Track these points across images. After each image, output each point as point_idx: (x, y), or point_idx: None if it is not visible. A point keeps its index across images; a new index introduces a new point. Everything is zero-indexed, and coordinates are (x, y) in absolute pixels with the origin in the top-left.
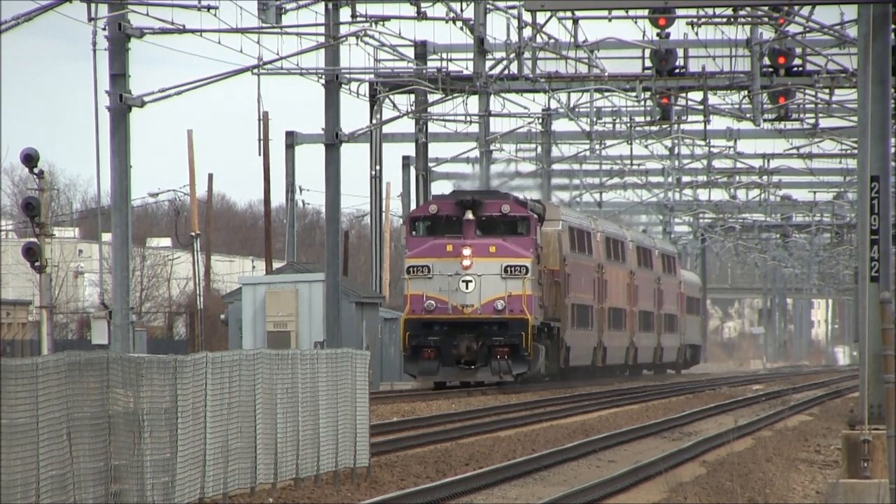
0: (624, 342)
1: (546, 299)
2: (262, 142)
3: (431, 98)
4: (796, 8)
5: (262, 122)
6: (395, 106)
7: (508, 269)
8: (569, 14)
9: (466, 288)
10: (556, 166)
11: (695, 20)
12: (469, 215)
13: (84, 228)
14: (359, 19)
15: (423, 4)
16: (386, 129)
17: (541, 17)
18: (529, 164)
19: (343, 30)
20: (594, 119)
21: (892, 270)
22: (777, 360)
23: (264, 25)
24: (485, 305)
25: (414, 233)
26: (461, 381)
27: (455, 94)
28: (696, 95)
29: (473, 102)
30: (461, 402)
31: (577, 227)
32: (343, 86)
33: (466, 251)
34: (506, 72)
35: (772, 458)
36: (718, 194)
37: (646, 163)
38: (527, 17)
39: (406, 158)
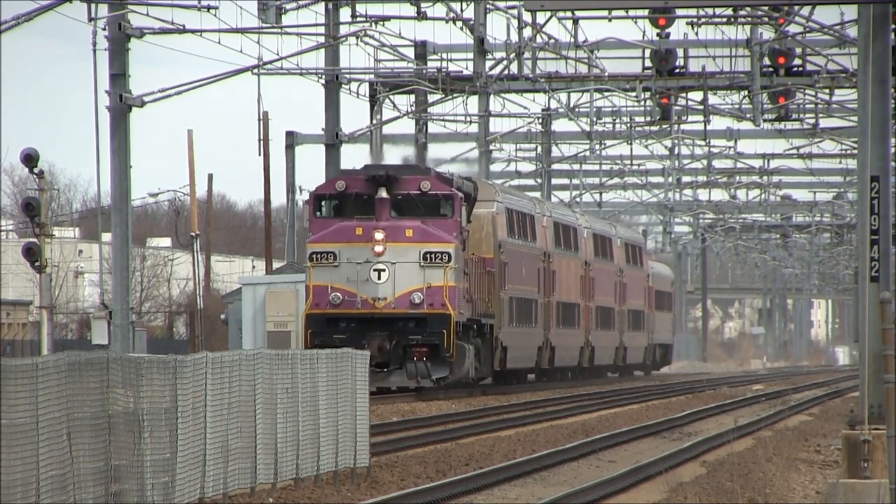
0: (577, 341)
1: (475, 292)
2: (262, 142)
3: (431, 98)
4: (796, 8)
5: (262, 122)
6: (395, 106)
7: (428, 256)
8: (569, 14)
9: (378, 278)
10: (556, 166)
11: (695, 20)
12: (382, 193)
13: (84, 228)
14: (359, 19)
15: (423, 4)
16: (386, 129)
17: (541, 17)
18: (529, 164)
19: (343, 30)
20: (594, 119)
21: (892, 270)
22: (777, 360)
23: (264, 25)
24: (400, 299)
25: (318, 213)
26: (375, 388)
27: (455, 95)
28: (696, 95)
29: (473, 102)
30: (461, 402)
31: (517, 210)
32: (343, 86)
33: (379, 235)
34: (506, 72)
35: (772, 458)
36: (718, 194)
37: (646, 163)
38: (527, 17)
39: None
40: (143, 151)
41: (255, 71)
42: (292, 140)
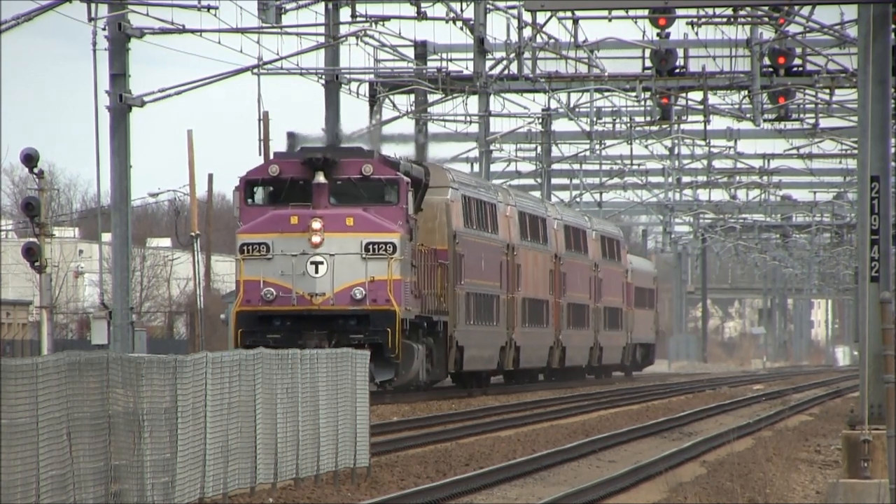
0: (546, 340)
1: (425, 286)
2: (262, 142)
3: (431, 98)
4: (796, 8)
5: (262, 122)
6: (395, 106)
7: (371, 247)
8: (569, 14)
9: (316, 272)
10: (556, 166)
11: (695, 20)
12: (320, 178)
13: (84, 228)
14: (359, 19)
15: (423, 4)
16: (386, 129)
17: (541, 17)
18: (529, 164)
19: (343, 30)
20: (594, 119)
21: (892, 270)
22: (777, 360)
23: (264, 25)
24: (339, 294)
25: (250, 201)
26: None
27: (455, 95)
28: (696, 95)
29: (473, 102)
30: (461, 402)
31: (476, 198)
32: (343, 86)
33: (316, 224)
34: (506, 72)
35: (772, 458)
36: (718, 194)
37: (646, 163)
38: (527, 17)
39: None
40: (143, 151)
41: (255, 71)
42: (293, 140)
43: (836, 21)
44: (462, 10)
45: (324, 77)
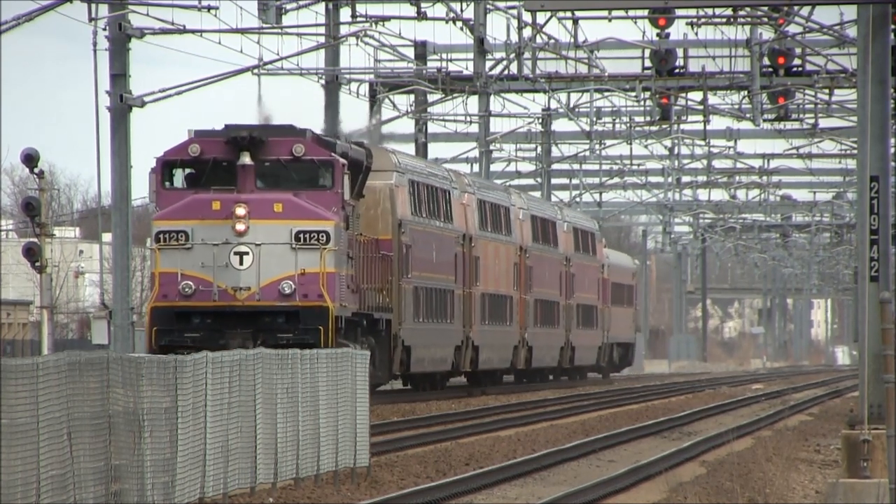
0: (510, 339)
1: (364, 280)
2: None
3: (431, 98)
4: (796, 8)
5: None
6: (394, 106)
7: (301, 236)
8: (569, 14)
9: (240, 263)
10: (556, 166)
11: (695, 20)
12: (245, 159)
13: (84, 228)
14: (359, 19)
15: (423, 4)
16: (386, 129)
17: (541, 17)
18: (529, 164)
19: (343, 30)
20: (594, 119)
21: (891, 270)
22: (777, 360)
23: (264, 25)
24: (266, 288)
25: (167, 184)
26: None
27: (455, 95)
28: (696, 95)
29: (473, 102)
30: (461, 402)
31: (426, 183)
32: (343, 86)
33: (240, 210)
34: (506, 72)
35: (772, 458)
36: (718, 194)
37: (646, 163)
38: (527, 17)
39: None
40: (144, 151)
41: (255, 71)
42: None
43: (835, 21)
44: (462, 10)
45: (324, 77)
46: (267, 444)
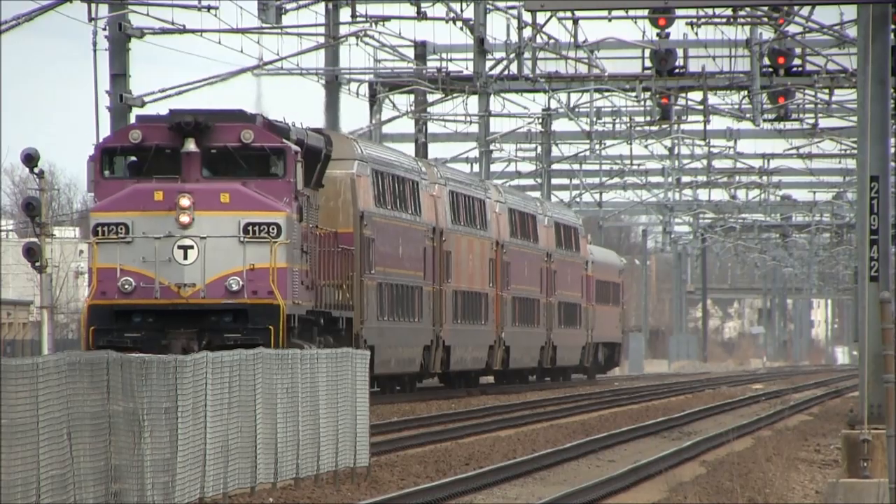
0: (485, 339)
1: (321, 276)
2: None
3: (431, 98)
4: (796, 8)
5: None
6: (394, 106)
7: (251, 228)
8: (569, 14)
9: (184, 258)
10: (556, 166)
11: (695, 20)
12: (190, 146)
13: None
14: (359, 19)
15: (423, 4)
16: (386, 129)
17: (541, 17)
18: (529, 164)
19: (343, 30)
20: (594, 119)
21: (891, 270)
22: (777, 360)
23: (264, 25)
24: (212, 285)
25: (107, 173)
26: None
27: (455, 94)
28: (696, 95)
29: (473, 102)
30: (461, 402)
31: (391, 173)
32: (343, 86)
33: (185, 201)
34: (506, 72)
35: (772, 458)
36: (718, 194)
37: (646, 163)
38: (527, 17)
39: None
40: None
41: (255, 71)
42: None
43: (835, 21)
44: (462, 10)
45: (324, 77)
46: (267, 444)
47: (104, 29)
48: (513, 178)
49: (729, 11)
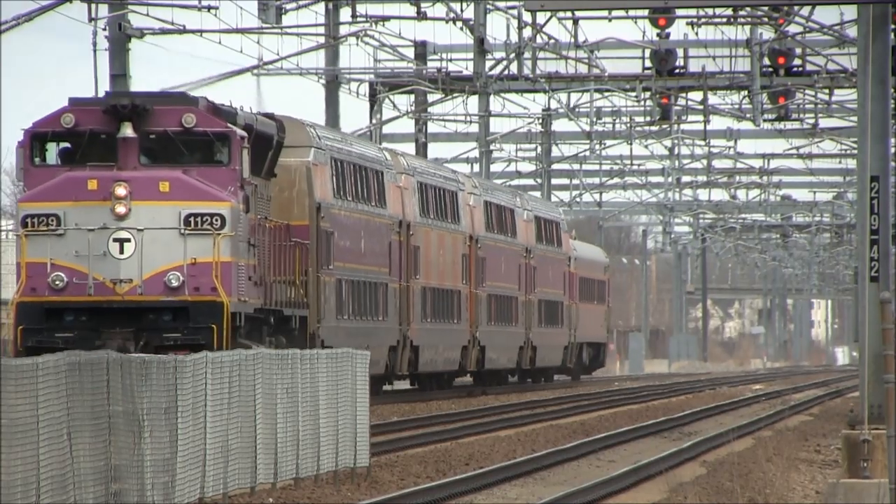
0: (458, 339)
1: (271, 271)
2: None
3: (431, 98)
4: (796, 8)
5: None
6: (395, 106)
7: (192, 219)
8: (569, 14)
9: (120, 251)
10: (556, 166)
11: (695, 20)
12: (127, 131)
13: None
14: (359, 19)
15: (423, 4)
16: (386, 129)
17: (541, 17)
18: (529, 164)
19: (343, 30)
20: (594, 119)
21: (892, 270)
22: (777, 360)
23: (264, 25)
24: (150, 280)
25: (37, 160)
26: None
27: (455, 94)
28: (696, 95)
29: (473, 102)
30: (461, 402)
31: (351, 162)
32: (343, 86)
33: (121, 190)
34: (506, 72)
35: (772, 458)
36: (718, 194)
37: (646, 163)
38: (527, 17)
39: None
40: None
41: (255, 71)
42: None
43: (835, 21)
44: (462, 10)
45: (324, 77)
46: (267, 444)
47: (104, 29)
48: (513, 178)
49: (729, 11)
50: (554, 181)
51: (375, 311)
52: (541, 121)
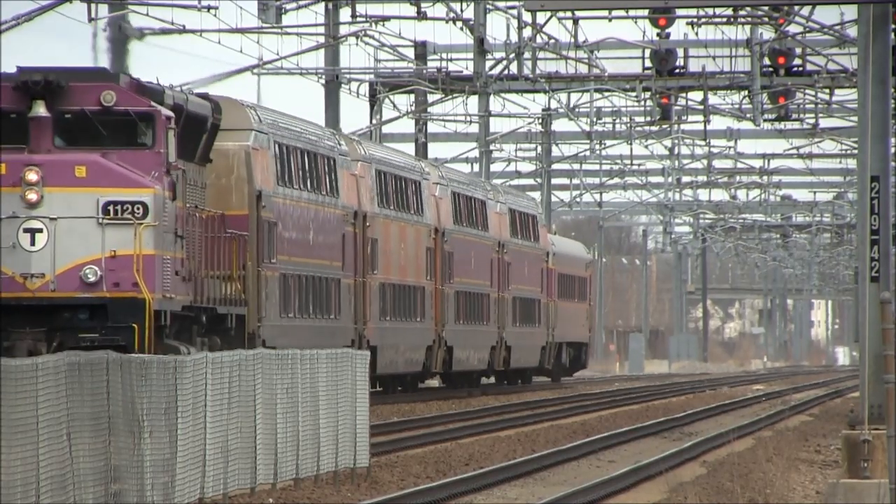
0: (422, 338)
1: (203, 265)
2: None
3: (431, 98)
4: (796, 8)
5: None
6: (395, 106)
7: (111, 208)
8: (569, 14)
9: (31, 243)
10: (556, 166)
11: (695, 20)
12: (40, 110)
13: None
14: (359, 19)
15: (423, 4)
16: (386, 129)
17: (541, 17)
18: (529, 164)
19: (343, 30)
20: (594, 119)
21: (892, 270)
22: (777, 360)
23: (264, 25)
24: (65, 275)
25: None
26: None
27: (455, 95)
28: (696, 95)
29: (473, 102)
30: (461, 402)
31: (299, 147)
32: (343, 86)
33: (32, 175)
34: (506, 72)
35: (772, 458)
36: (718, 194)
37: (646, 163)
38: (527, 17)
39: None
40: None
41: (255, 71)
42: None
43: (836, 21)
44: (462, 10)
45: (324, 77)
46: (267, 444)
47: (104, 29)
48: (513, 178)
49: (729, 11)
50: (554, 181)
51: (327, 308)
52: (541, 121)
